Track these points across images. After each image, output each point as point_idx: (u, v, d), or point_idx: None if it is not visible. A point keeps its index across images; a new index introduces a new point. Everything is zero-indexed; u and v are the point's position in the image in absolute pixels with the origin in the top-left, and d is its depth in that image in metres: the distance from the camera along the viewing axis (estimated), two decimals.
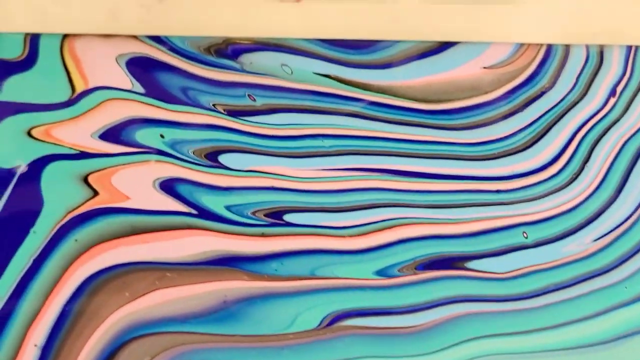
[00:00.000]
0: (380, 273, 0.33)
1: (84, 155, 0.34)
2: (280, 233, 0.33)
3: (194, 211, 0.33)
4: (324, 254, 0.33)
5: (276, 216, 0.33)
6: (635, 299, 0.34)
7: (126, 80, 0.36)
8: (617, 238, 0.34)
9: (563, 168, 0.35)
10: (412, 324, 0.32)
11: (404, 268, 0.33)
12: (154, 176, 0.34)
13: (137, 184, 0.34)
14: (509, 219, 0.34)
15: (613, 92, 0.37)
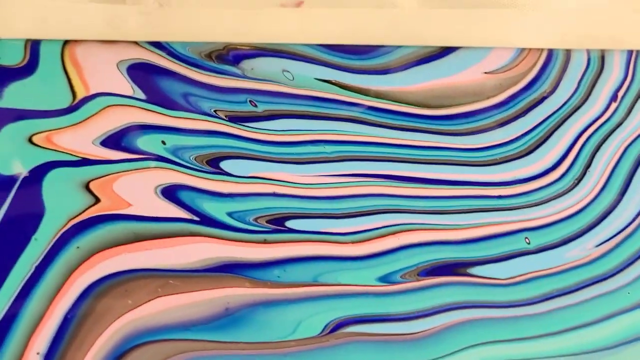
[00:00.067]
0: (383, 279, 0.33)
1: (85, 161, 0.34)
2: (282, 240, 0.33)
3: (195, 218, 0.33)
4: (326, 261, 0.33)
5: (278, 222, 0.33)
6: (637, 304, 0.34)
7: (127, 87, 0.36)
8: (620, 243, 0.34)
9: (565, 173, 0.35)
10: (415, 330, 0.32)
11: (406, 274, 0.33)
12: (156, 183, 0.34)
13: (139, 190, 0.34)
14: (511, 224, 0.34)
15: (614, 97, 0.37)
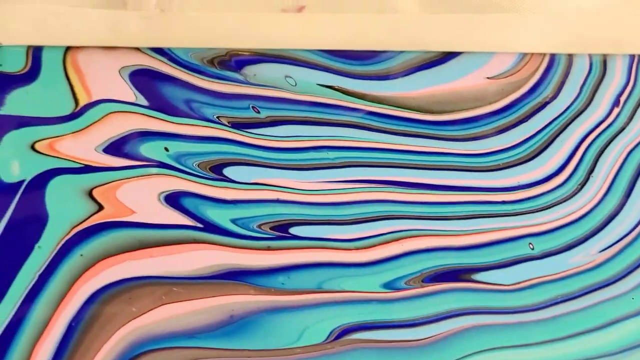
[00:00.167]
0: (387, 286, 0.32)
1: (88, 169, 0.34)
2: (286, 246, 0.33)
3: (199, 225, 0.33)
4: (330, 267, 0.33)
5: (282, 229, 0.33)
6: None
7: (130, 93, 0.36)
8: (624, 248, 0.34)
9: (568, 178, 0.35)
10: (420, 337, 0.32)
11: (410, 281, 0.33)
12: (159, 190, 0.34)
13: (142, 197, 0.34)
14: (515, 230, 0.34)
15: (617, 102, 0.37)
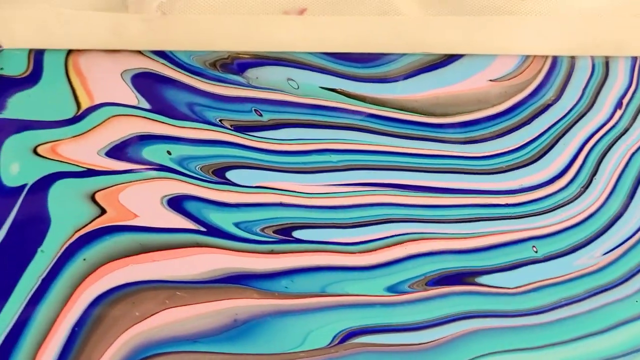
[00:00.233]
0: (391, 289, 0.32)
1: (90, 172, 0.34)
2: (289, 250, 0.33)
3: (202, 228, 0.33)
4: (334, 271, 0.33)
5: (285, 233, 0.33)
6: None
7: (132, 96, 0.36)
8: (628, 251, 0.34)
9: (571, 181, 0.35)
10: (424, 340, 0.32)
11: (414, 284, 0.33)
12: (162, 193, 0.34)
13: (145, 201, 0.33)
14: (518, 233, 0.34)
15: (619, 104, 0.37)
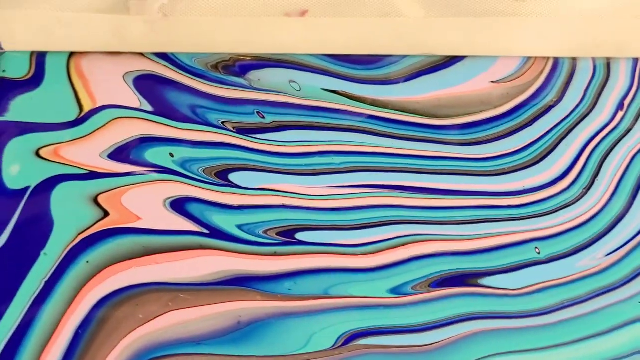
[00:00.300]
0: (394, 291, 0.32)
1: (93, 175, 0.34)
2: (292, 252, 0.33)
3: (205, 231, 0.33)
4: (337, 273, 0.33)
5: (288, 235, 0.33)
6: None
7: (134, 99, 0.36)
8: (631, 252, 0.34)
9: (573, 182, 0.35)
10: (428, 342, 0.32)
11: (417, 286, 0.33)
12: (165, 195, 0.34)
13: (148, 203, 0.34)
14: (521, 234, 0.34)
15: (621, 105, 0.37)
